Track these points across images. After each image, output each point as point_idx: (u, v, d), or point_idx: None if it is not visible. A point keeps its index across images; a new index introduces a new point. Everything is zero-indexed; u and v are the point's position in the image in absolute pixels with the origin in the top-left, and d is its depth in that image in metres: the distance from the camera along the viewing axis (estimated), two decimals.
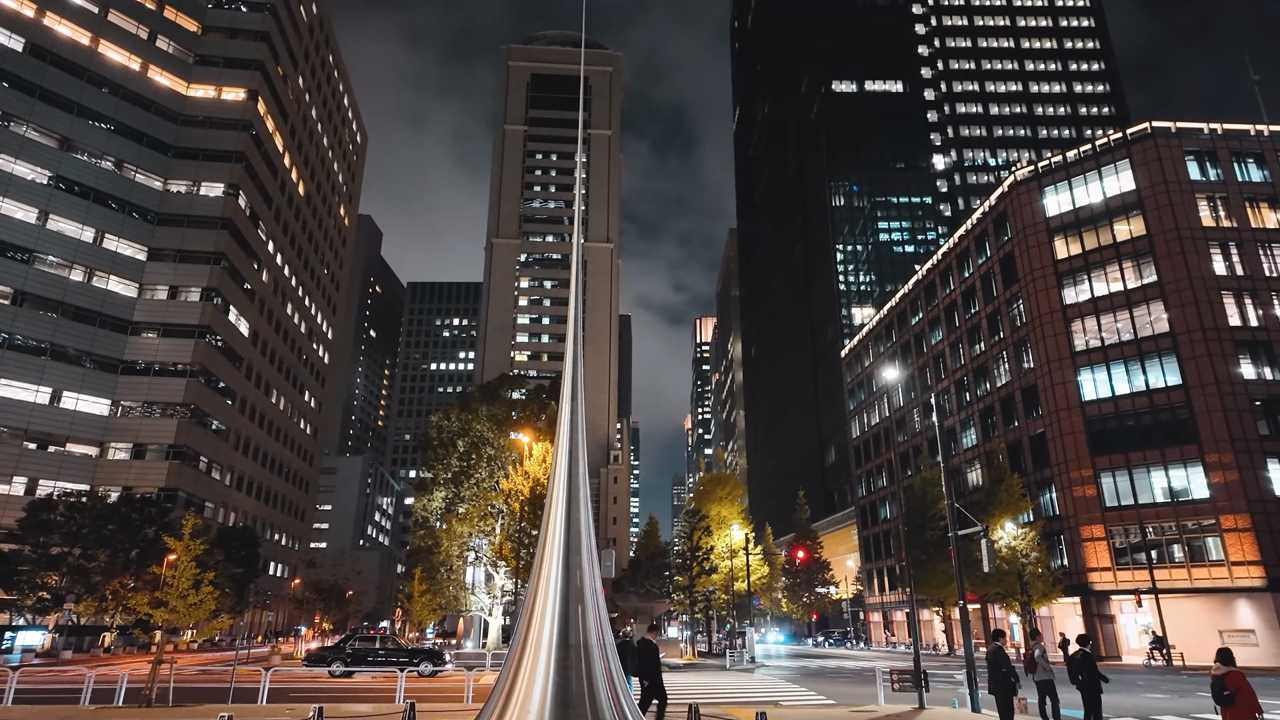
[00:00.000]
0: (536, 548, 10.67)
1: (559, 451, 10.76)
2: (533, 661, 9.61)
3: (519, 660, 9.77)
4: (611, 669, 9.73)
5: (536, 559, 10.48)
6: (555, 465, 10.70)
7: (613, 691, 9.54)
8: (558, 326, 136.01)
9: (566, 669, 9.45)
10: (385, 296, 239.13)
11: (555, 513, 10.43)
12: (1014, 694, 13.81)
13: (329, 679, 29.92)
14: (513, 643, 10.09)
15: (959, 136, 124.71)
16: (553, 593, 9.97)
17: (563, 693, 9.32)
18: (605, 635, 9.93)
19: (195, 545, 20.03)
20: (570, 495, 10.49)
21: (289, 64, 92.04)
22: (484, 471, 45.89)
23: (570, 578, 10.06)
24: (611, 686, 9.54)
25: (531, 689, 9.42)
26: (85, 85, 71.67)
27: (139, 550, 47.93)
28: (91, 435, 67.25)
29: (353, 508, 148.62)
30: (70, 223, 69.14)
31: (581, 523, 10.41)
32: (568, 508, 10.42)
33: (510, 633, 46.15)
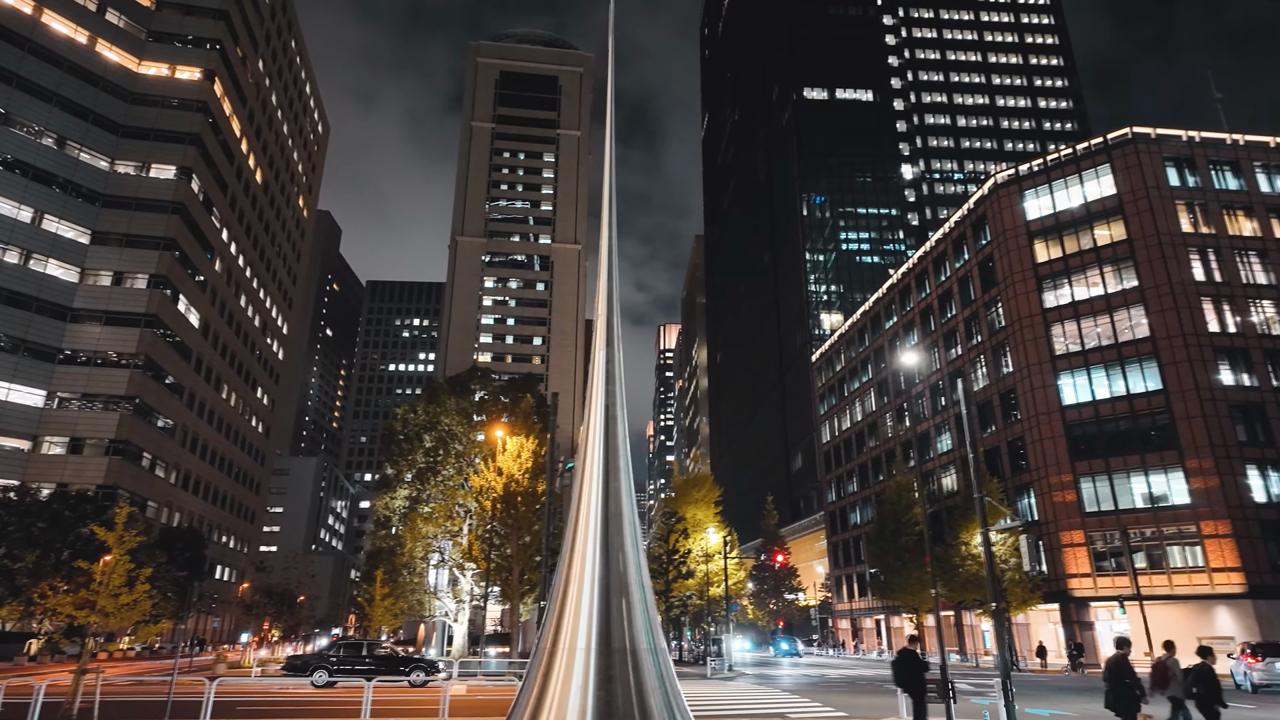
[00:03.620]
0: (565, 527, 8.63)
1: (593, 408, 8.76)
2: (565, 670, 7.59)
3: (547, 668, 7.74)
4: (668, 679, 7.73)
5: (566, 542, 8.46)
6: (589, 425, 8.70)
7: (672, 708, 7.55)
8: (523, 328, 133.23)
9: (610, 680, 7.45)
10: (343, 295, 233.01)
11: (589, 482, 8.44)
12: (1138, 709, 12.19)
13: (283, 690, 27.20)
14: (538, 647, 8.05)
15: (927, 147, 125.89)
16: (589, 584, 7.97)
17: (606, 709, 7.32)
18: (657, 637, 7.93)
19: (130, 537, 17.44)
20: (608, 461, 8.52)
21: (249, 45, 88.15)
22: (451, 468, 43.35)
23: (611, 564, 8.08)
24: (669, 702, 7.55)
25: (565, 704, 7.40)
26: (26, 56, 67.23)
27: (71, 550, 44.09)
28: (24, 428, 62.62)
29: (305, 510, 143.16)
30: (6, 201, 64.59)
31: (623, 495, 8.43)
32: (604, 476, 8.44)
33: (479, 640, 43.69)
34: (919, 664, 14.92)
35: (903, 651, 15.26)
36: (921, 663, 14.97)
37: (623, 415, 8.91)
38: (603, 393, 8.83)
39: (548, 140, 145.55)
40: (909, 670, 14.87)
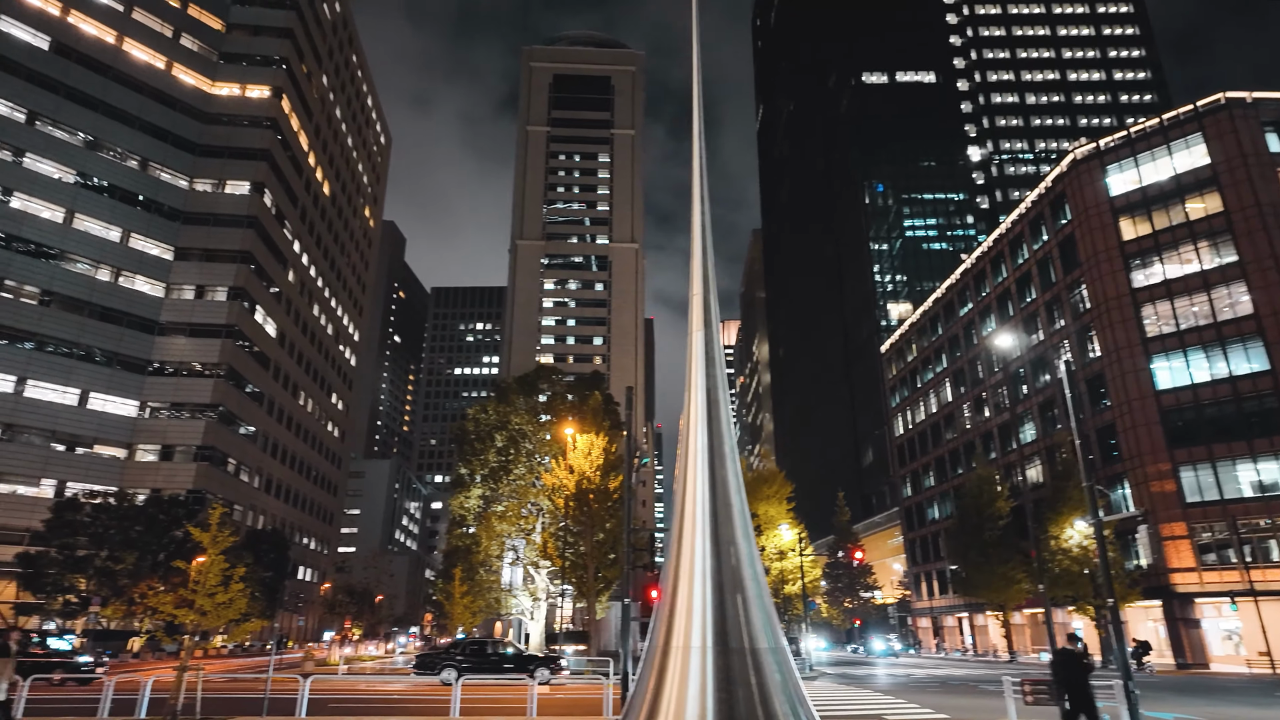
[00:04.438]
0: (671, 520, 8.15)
1: (693, 393, 8.26)
2: (680, 670, 7.11)
3: (661, 668, 7.28)
4: (791, 681, 7.17)
5: (672, 535, 7.98)
6: (689, 411, 8.19)
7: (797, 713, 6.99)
8: (583, 328, 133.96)
9: (730, 682, 6.93)
10: (409, 301, 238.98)
11: (694, 471, 7.93)
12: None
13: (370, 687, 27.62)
14: (649, 646, 7.60)
15: (995, 127, 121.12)
16: (700, 580, 7.47)
17: (727, 711, 6.81)
18: (778, 636, 7.38)
19: (223, 537, 17.82)
20: (713, 447, 8.00)
21: (313, 62, 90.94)
22: (523, 467, 43.56)
23: (723, 558, 7.57)
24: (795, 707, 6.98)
25: (683, 706, 6.92)
26: (110, 83, 70.74)
27: (166, 552, 46.15)
28: (119, 437, 65.96)
29: (380, 512, 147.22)
30: (96, 222, 68.11)
31: (730, 483, 7.90)
32: (710, 464, 7.92)
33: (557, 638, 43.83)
34: (1082, 665, 13.86)
35: (1062, 651, 14.17)
36: (1085, 664, 13.94)
37: (725, 398, 8.39)
38: (703, 376, 8.33)
39: (602, 140, 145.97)
40: (1070, 671, 13.75)
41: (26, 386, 61.54)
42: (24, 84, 64.97)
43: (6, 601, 55.78)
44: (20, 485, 60.28)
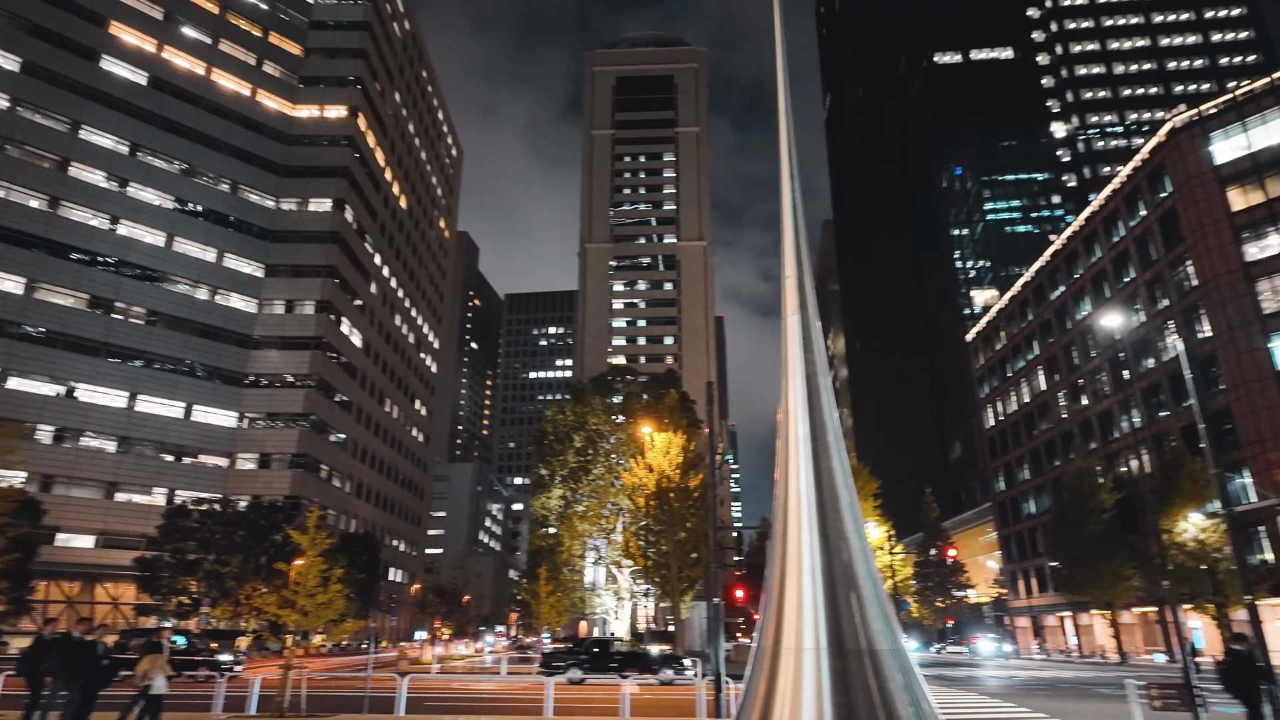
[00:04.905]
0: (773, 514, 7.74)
1: (791, 379, 7.82)
2: (793, 673, 6.70)
3: (772, 671, 6.88)
4: (916, 685, 6.65)
5: (776, 531, 7.57)
6: (787, 398, 7.76)
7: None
8: (653, 329, 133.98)
9: (848, 685, 6.47)
10: (484, 309, 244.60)
11: (796, 462, 7.49)
12: None
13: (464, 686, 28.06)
14: (757, 647, 7.21)
15: (1080, 100, 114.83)
16: (810, 577, 7.03)
17: (847, 718, 6.34)
18: (898, 637, 6.87)
19: (320, 538, 18.33)
20: (815, 436, 7.54)
21: (385, 80, 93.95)
22: (601, 467, 43.68)
23: (833, 554, 7.10)
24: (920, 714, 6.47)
25: (798, 712, 6.48)
26: (202, 112, 74.78)
27: (268, 556, 48.38)
28: (221, 447, 69.64)
29: (465, 514, 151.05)
30: (194, 244, 72.08)
31: (836, 473, 7.43)
32: (814, 454, 7.45)
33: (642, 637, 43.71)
34: (1255, 668, 12.99)
35: (1232, 653, 13.30)
36: (1258, 667, 13.07)
37: (826, 384, 7.91)
38: (801, 361, 7.87)
39: (666, 140, 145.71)
40: (1242, 675, 12.89)
41: (137, 401, 65.65)
42: (126, 118, 69.38)
43: (127, 603, 59.69)
44: (135, 494, 64.37)
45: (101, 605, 60.95)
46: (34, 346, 60.91)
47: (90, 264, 65.17)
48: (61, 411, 61.65)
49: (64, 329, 62.53)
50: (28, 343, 60.71)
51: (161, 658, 13.64)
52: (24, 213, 62.11)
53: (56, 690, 13.05)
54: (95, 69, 68.33)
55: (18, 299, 60.65)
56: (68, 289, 63.60)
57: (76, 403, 62.46)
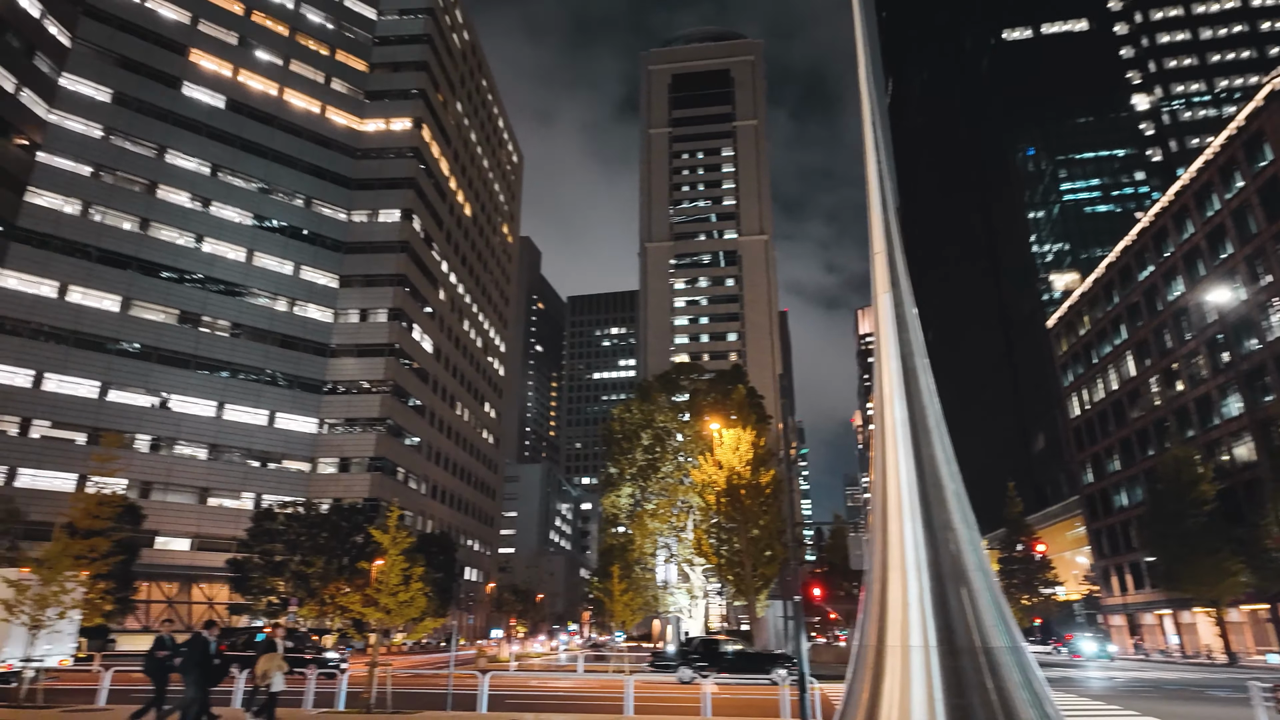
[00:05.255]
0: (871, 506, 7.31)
1: (885, 361, 7.38)
2: (900, 673, 6.28)
3: (877, 670, 6.47)
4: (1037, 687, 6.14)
5: (875, 523, 7.14)
6: (882, 382, 7.31)
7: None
8: (716, 325, 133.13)
9: (962, 686, 6.02)
10: (547, 312, 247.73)
11: (894, 449, 7.05)
12: None
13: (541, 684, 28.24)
14: (859, 646, 6.81)
15: (1163, 70, 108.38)
16: (915, 571, 6.59)
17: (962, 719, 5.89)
18: (1015, 634, 6.36)
19: (401, 538, 18.63)
20: (915, 420, 7.07)
21: (447, 90, 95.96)
22: (670, 464, 43.42)
23: (939, 546, 6.64)
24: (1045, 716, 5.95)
25: (907, 716, 6.05)
26: (276, 132, 77.84)
27: (350, 556, 49.98)
28: (303, 452, 72.36)
29: (535, 514, 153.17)
30: (272, 258, 75.09)
31: (939, 460, 6.96)
32: (913, 439, 6.99)
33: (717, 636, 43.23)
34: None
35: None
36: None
37: (924, 365, 7.43)
38: (895, 342, 7.42)
39: (724, 135, 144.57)
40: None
41: (225, 410, 68.79)
42: (207, 140, 72.81)
43: (221, 602, 62.62)
44: (225, 499, 67.48)
45: (198, 605, 64.13)
46: (131, 361, 64.51)
47: (179, 281, 68.64)
48: (157, 421, 65.10)
49: (157, 343, 66.03)
50: (126, 357, 64.34)
51: (278, 657, 13.99)
52: (118, 234, 65.88)
53: (186, 686, 13.42)
54: (178, 95, 71.93)
55: (115, 316, 64.34)
56: (159, 305, 67.13)
57: (170, 413, 65.86)
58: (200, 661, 13.23)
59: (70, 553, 18.63)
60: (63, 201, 63.54)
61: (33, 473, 57.56)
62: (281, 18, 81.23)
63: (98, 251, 64.38)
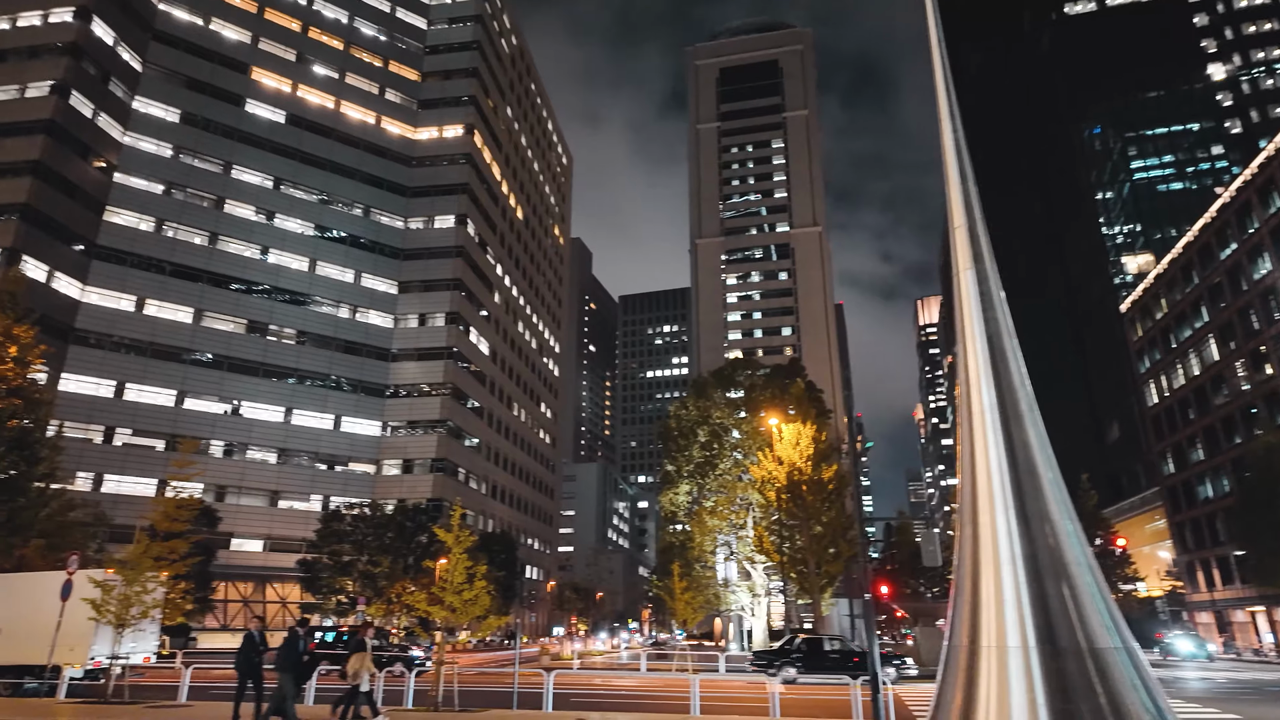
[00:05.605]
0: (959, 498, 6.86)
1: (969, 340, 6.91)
2: (996, 675, 5.83)
3: (970, 672, 6.04)
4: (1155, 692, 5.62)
5: (963, 514, 6.69)
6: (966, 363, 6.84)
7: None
8: (770, 320, 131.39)
9: (1067, 690, 5.55)
10: (599, 312, 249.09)
11: (982, 435, 6.58)
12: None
13: (606, 683, 28.17)
14: (950, 646, 6.38)
15: (1241, 36, 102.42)
16: (1009, 566, 6.13)
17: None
18: (1124, 634, 5.85)
19: (464, 536, 18.74)
20: (1004, 404, 6.59)
21: (497, 96, 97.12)
22: (729, 461, 42.90)
23: (1036, 539, 6.16)
24: None
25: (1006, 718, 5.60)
26: (334, 144, 79.98)
27: (415, 556, 50.97)
28: (368, 454, 74.22)
29: (593, 512, 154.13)
30: (334, 267, 77.21)
31: (1033, 446, 6.47)
32: (1003, 424, 6.52)
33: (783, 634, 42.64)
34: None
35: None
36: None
37: (1013, 346, 6.93)
38: (979, 320, 6.94)
39: (774, 126, 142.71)
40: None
41: (293, 416, 71.03)
42: (269, 155, 75.27)
43: (294, 601, 64.66)
44: (295, 501, 69.66)
45: (271, 604, 66.37)
46: (204, 370, 67.15)
47: (247, 292, 71.14)
48: (230, 427, 67.62)
49: (228, 352, 68.57)
50: (199, 367, 67.00)
51: (368, 656, 14.12)
52: (190, 249, 68.64)
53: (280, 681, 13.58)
54: (241, 113, 74.55)
55: (188, 328, 67.05)
56: (229, 315, 69.69)
57: (242, 419, 68.31)
58: (295, 658, 13.46)
59: (151, 554, 19.31)
60: (138, 219, 66.50)
61: (117, 478, 60.41)
62: (336, 32, 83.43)
63: (171, 266, 67.17)
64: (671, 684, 26.79)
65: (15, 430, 22.19)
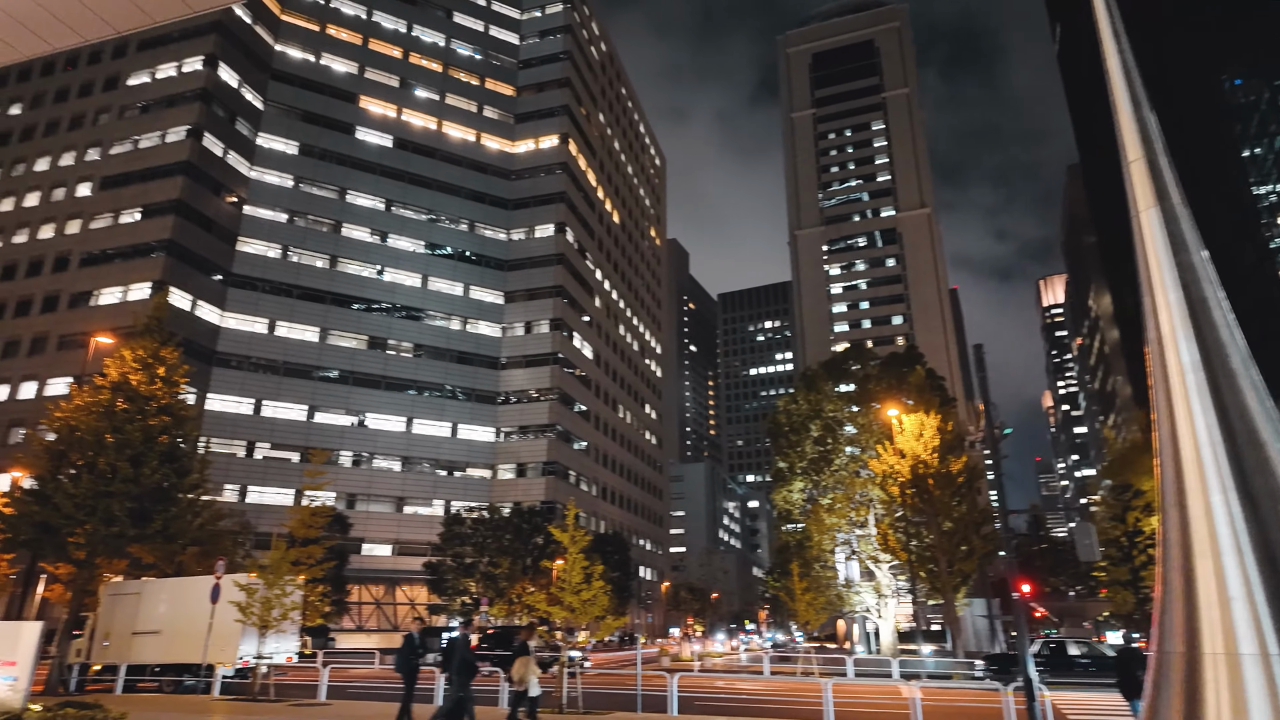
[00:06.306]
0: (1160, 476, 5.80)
1: (1157, 288, 5.83)
2: (1227, 691, 4.81)
3: (1191, 685, 5.01)
4: None
5: (1166, 499, 5.64)
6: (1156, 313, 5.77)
7: None
8: (879, 309, 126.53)
9: None
10: (698, 312, 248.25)
11: (1181, 399, 5.52)
12: None
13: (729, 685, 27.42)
14: (1162, 652, 5.37)
15: None
16: (1231, 556, 5.06)
17: None
18: None
19: (580, 535, 18.57)
20: (1209, 361, 5.49)
21: (589, 103, 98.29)
22: (844, 456, 41.19)
23: (1267, 523, 5.05)
24: None
25: None
26: (438, 163, 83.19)
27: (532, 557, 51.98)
28: (484, 459, 76.62)
29: (702, 513, 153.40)
30: (444, 281, 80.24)
31: (1252, 411, 5.36)
32: (1210, 384, 5.42)
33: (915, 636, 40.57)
34: None
35: None
36: None
37: (1215, 296, 5.80)
38: (1171, 266, 5.86)
39: (873, 108, 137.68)
40: None
41: (414, 425, 74.24)
42: (379, 179, 79.14)
43: (421, 603, 67.42)
44: (419, 507, 72.74)
45: (401, 606, 69.51)
46: (331, 385, 71.22)
47: (366, 310, 74.98)
48: (357, 438, 71.39)
49: (352, 367, 72.47)
50: (327, 382, 71.12)
51: (532, 660, 13.91)
52: (313, 272, 73.04)
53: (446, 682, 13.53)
54: (353, 140, 78.77)
55: (315, 346, 71.31)
56: (351, 333, 73.64)
57: (367, 430, 71.99)
58: (464, 660, 13.45)
59: (289, 559, 20.24)
60: (266, 247, 71.37)
61: (259, 489, 64.94)
62: (435, 55, 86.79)
63: (298, 289, 71.67)
64: (797, 688, 25.75)
65: (166, 445, 23.89)
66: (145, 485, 22.88)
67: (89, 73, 74.35)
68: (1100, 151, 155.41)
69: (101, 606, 24.39)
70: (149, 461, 23.00)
